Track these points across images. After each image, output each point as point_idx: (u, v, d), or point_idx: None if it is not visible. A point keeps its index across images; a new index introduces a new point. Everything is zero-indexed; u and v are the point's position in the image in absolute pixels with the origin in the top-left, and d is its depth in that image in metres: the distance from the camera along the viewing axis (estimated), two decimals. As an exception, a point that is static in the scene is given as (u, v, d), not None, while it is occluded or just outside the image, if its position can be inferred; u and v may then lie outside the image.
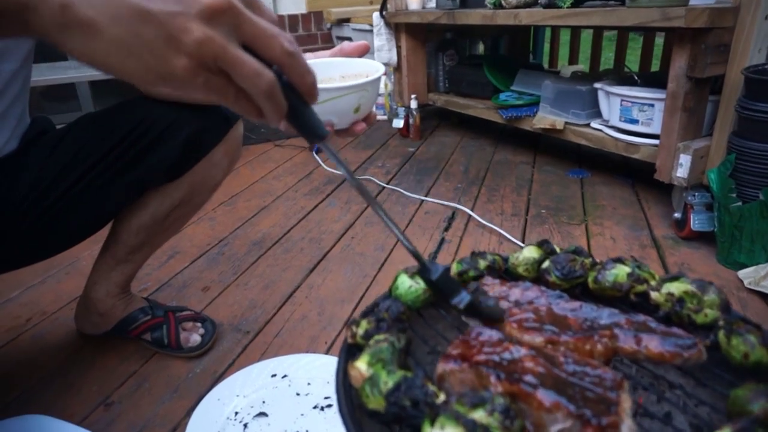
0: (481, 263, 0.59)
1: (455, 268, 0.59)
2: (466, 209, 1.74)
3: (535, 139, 2.39)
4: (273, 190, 2.04)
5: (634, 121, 1.65)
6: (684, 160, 1.43)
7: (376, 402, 0.40)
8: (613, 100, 1.71)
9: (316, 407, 0.93)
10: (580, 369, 0.40)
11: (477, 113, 2.35)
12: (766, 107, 1.22)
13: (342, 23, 3.20)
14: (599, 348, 0.44)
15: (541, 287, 0.53)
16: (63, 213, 0.88)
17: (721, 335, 0.45)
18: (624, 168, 2.05)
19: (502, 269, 0.60)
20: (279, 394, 0.96)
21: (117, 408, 0.97)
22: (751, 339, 0.43)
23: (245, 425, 0.90)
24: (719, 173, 1.32)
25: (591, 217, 1.67)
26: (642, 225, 1.60)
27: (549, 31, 3.03)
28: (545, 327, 0.47)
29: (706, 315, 0.48)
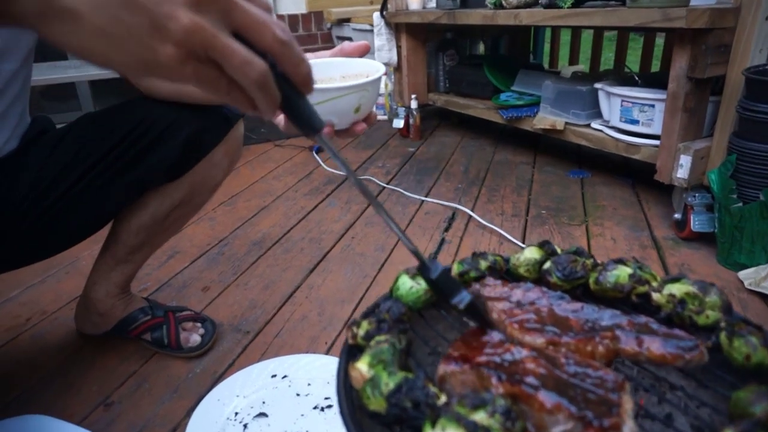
0: (483, 264, 0.59)
1: (456, 268, 0.59)
2: (466, 209, 1.74)
3: (536, 140, 2.39)
4: (273, 190, 2.04)
5: (634, 122, 1.65)
6: (684, 160, 1.43)
7: (377, 403, 0.40)
8: (614, 100, 1.71)
9: (316, 408, 0.93)
10: (581, 370, 0.40)
11: (477, 113, 2.35)
12: (766, 108, 1.22)
13: (342, 23, 3.20)
14: (601, 349, 0.44)
15: (543, 288, 0.53)
16: (63, 213, 0.88)
17: (723, 337, 0.45)
18: (624, 168, 2.05)
19: (503, 270, 0.60)
20: (279, 394, 0.96)
21: (117, 408, 0.97)
22: (753, 340, 0.43)
23: (245, 426, 0.90)
24: (720, 174, 1.32)
25: (591, 218, 1.67)
26: (642, 226, 1.60)
27: (549, 32, 3.03)
28: (546, 328, 0.47)
29: (707, 316, 0.48)
